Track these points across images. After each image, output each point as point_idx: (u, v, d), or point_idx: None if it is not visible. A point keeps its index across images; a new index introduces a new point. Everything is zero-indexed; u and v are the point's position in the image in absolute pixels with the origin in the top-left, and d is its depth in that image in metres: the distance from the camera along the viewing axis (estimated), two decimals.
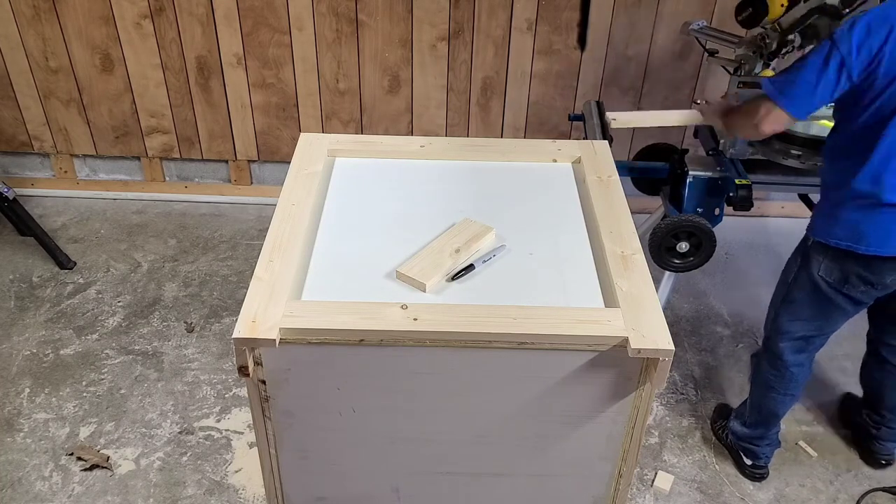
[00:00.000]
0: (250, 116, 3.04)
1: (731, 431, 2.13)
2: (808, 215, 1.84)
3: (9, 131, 3.09)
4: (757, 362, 2.03)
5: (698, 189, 2.20)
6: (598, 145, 1.67)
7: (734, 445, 2.14)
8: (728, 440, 2.16)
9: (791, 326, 1.89)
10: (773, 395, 2.00)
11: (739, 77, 2.20)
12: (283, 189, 1.48)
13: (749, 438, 2.09)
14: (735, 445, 2.14)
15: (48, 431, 2.17)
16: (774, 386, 1.98)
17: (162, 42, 2.87)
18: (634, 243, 1.36)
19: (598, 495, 1.39)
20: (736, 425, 2.11)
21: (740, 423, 2.10)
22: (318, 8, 2.78)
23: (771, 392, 2.00)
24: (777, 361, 1.95)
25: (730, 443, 2.16)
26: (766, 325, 1.97)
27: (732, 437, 2.13)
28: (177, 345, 2.48)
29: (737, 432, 2.11)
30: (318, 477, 1.39)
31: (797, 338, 1.90)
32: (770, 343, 1.95)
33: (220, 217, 3.15)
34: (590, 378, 1.21)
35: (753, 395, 2.06)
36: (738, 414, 2.12)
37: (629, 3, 2.76)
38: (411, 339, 1.18)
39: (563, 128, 3.03)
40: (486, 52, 2.87)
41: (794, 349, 1.92)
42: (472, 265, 1.31)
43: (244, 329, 1.17)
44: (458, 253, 1.32)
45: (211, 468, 2.09)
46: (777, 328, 1.91)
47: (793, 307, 1.86)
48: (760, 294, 2.78)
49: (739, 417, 2.11)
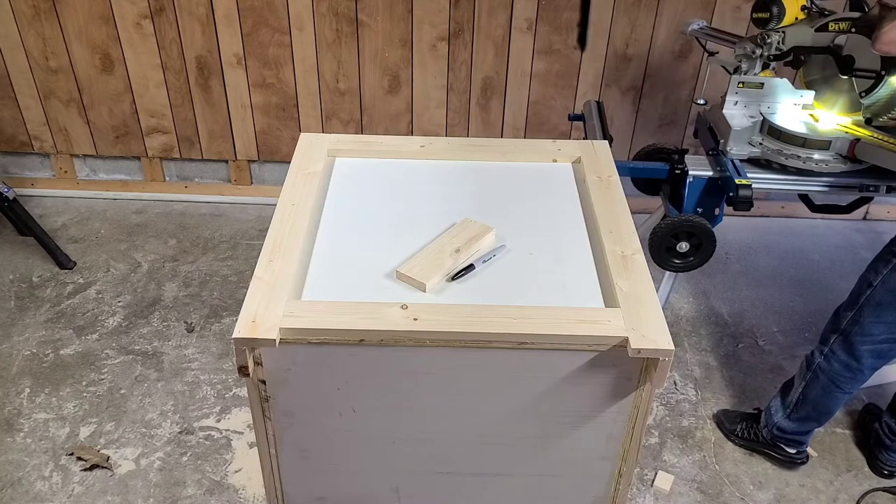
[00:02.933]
0: (250, 116, 3.04)
1: (776, 427, 2.08)
2: (809, 215, 1.84)
3: (9, 131, 3.09)
4: (822, 361, 1.95)
5: (698, 189, 2.20)
6: (598, 145, 1.67)
7: (775, 440, 2.10)
8: (764, 437, 2.13)
9: (875, 329, 1.84)
10: (837, 393, 1.96)
11: (739, 77, 2.20)
12: (283, 189, 1.48)
13: (797, 432, 2.07)
14: (777, 440, 2.10)
15: (48, 431, 2.17)
16: (842, 386, 1.94)
17: (162, 42, 2.87)
18: (634, 243, 1.36)
19: (598, 495, 1.39)
20: (783, 422, 2.07)
21: (787, 418, 2.06)
22: (318, 8, 2.78)
23: (836, 391, 1.95)
24: (854, 363, 1.90)
25: (768, 440, 2.12)
26: (839, 327, 1.90)
27: (776, 433, 2.09)
28: (177, 345, 2.48)
29: (784, 427, 2.07)
30: (318, 477, 1.39)
31: (880, 341, 1.85)
32: (849, 345, 1.89)
33: (220, 217, 3.15)
34: (590, 378, 1.21)
35: (810, 392, 1.99)
36: (784, 409, 2.06)
37: (629, 3, 2.76)
38: (411, 339, 1.18)
39: (563, 128, 3.03)
40: (486, 52, 2.87)
41: (875, 353, 1.88)
42: (473, 265, 1.31)
43: (244, 329, 1.17)
44: (458, 253, 1.32)
45: (211, 468, 2.09)
46: (860, 330, 1.86)
47: (879, 309, 1.81)
48: (760, 294, 2.78)
49: (785, 413, 2.06)
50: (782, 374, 2.43)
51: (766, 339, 2.58)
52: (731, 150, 2.18)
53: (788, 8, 2.07)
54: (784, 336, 2.59)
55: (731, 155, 2.18)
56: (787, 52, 2.10)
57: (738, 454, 2.19)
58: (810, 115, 2.20)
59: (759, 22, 2.11)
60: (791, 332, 2.61)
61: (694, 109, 2.94)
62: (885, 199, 3.09)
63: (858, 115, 2.13)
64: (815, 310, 2.71)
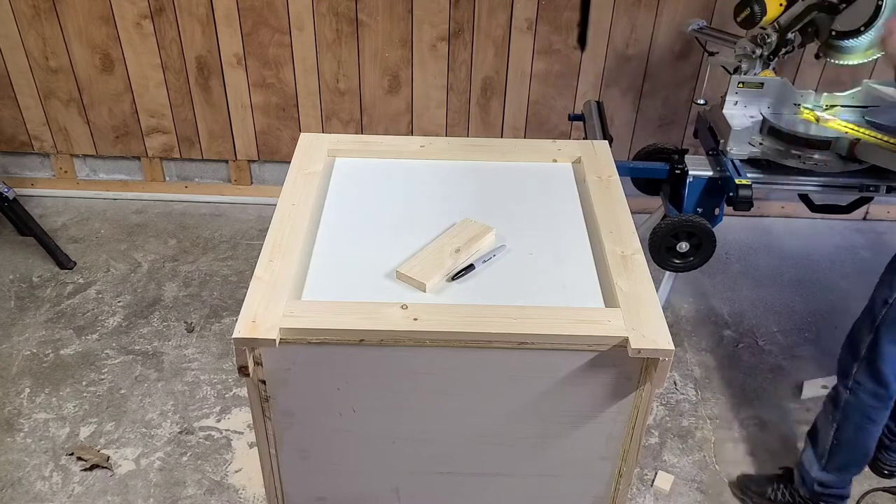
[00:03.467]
0: (250, 116, 3.04)
1: (817, 483, 1.91)
2: (809, 215, 1.83)
3: (9, 131, 3.09)
4: (849, 396, 1.80)
5: (698, 189, 2.20)
6: (598, 145, 1.67)
7: (818, 498, 1.93)
8: (803, 496, 1.95)
9: (894, 349, 1.72)
10: (870, 427, 1.81)
11: (739, 77, 2.20)
12: (283, 189, 1.48)
13: (839, 484, 1.92)
14: (820, 497, 1.93)
15: (48, 431, 2.17)
16: (874, 418, 1.80)
17: (162, 42, 2.87)
18: (634, 243, 1.36)
19: (598, 495, 1.39)
20: (821, 475, 1.90)
21: (824, 469, 1.89)
22: (318, 8, 2.78)
23: (869, 425, 1.81)
24: (882, 390, 1.76)
25: (808, 498, 1.95)
26: (859, 355, 1.77)
27: (817, 489, 1.92)
28: (177, 345, 2.48)
29: (824, 481, 1.90)
30: (318, 477, 1.39)
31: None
32: (874, 371, 1.75)
33: (220, 217, 3.15)
34: (590, 378, 1.21)
35: (844, 433, 1.83)
36: (819, 461, 1.90)
37: (629, 3, 2.76)
38: (411, 339, 1.18)
39: (563, 128, 3.03)
40: (486, 52, 2.87)
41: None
42: (473, 265, 1.31)
43: (244, 329, 1.17)
44: (458, 253, 1.32)
45: (211, 468, 2.09)
46: (882, 353, 1.72)
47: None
48: (760, 294, 2.78)
49: (821, 465, 1.89)
50: (782, 374, 2.43)
51: (766, 339, 2.58)
52: (731, 150, 2.18)
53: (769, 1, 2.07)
54: (784, 336, 2.59)
55: (731, 155, 2.19)
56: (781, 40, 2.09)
57: (738, 454, 2.18)
58: (810, 115, 2.20)
59: (746, 22, 2.10)
60: (791, 332, 2.61)
61: (694, 109, 2.94)
62: (885, 199, 3.09)
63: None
64: (815, 310, 2.71)
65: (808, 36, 2.10)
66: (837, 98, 2.26)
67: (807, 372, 2.44)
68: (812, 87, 2.32)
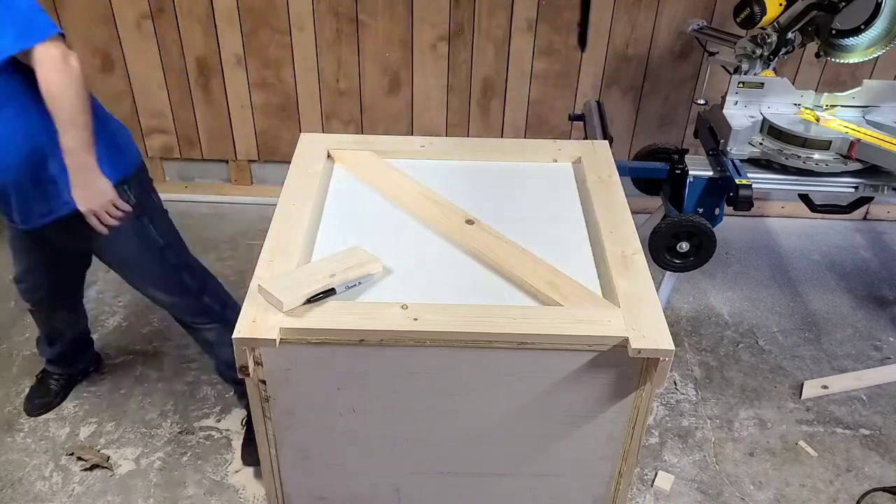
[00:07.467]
0: (250, 116, 3.04)
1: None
2: (809, 215, 1.82)
3: None
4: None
5: (698, 189, 2.20)
6: (598, 145, 1.67)
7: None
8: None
9: None
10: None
11: (740, 77, 2.20)
12: (283, 189, 1.49)
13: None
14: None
15: (48, 431, 2.17)
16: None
17: (162, 42, 2.87)
18: (634, 243, 1.36)
19: (598, 495, 1.39)
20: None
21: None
22: (318, 8, 2.78)
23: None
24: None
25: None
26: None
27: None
28: (177, 345, 2.48)
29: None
30: (318, 477, 1.39)
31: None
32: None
33: (220, 217, 3.15)
34: (590, 378, 1.22)
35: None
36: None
37: (629, 3, 2.76)
38: (411, 339, 1.18)
39: (563, 128, 3.03)
40: (486, 52, 2.87)
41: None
42: (334, 289, 1.24)
43: (244, 329, 1.17)
44: (332, 277, 1.25)
45: (211, 468, 2.09)
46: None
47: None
48: (760, 294, 2.78)
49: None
50: (782, 374, 2.43)
51: (766, 339, 2.58)
52: (731, 150, 2.18)
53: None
54: (784, 336, 2.59)
55: (731, 155, 2.19)
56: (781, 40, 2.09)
57: (738, 454, 2.18)
58: (810, 115, 2.20)
59: (746, 22, 2.10)
60: (791, 332, 2.61)
61: (694, 109, 2.94)
62: (885, 199, 3.09)
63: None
64: (815, 310, 2.71)
65: (809, 35, 2.11)
66: (837, 98, 2.26)
67: (807, 372, 2.44)
68: (812, 87, 2.32)
